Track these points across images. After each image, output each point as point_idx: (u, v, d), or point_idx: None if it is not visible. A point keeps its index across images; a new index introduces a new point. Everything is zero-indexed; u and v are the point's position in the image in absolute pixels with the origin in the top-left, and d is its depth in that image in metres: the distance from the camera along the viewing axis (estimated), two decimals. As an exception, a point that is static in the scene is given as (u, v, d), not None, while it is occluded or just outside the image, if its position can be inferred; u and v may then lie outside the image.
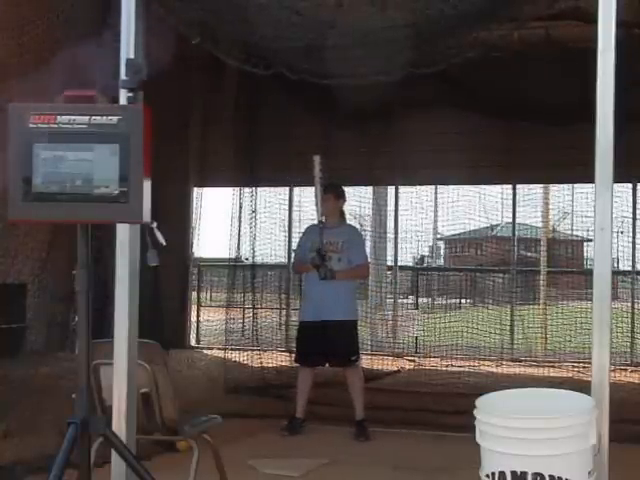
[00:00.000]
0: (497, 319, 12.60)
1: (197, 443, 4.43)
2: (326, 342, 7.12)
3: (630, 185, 11.81)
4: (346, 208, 8.02)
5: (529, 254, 15.18)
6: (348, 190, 7.96)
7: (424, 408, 7.98)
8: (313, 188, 7.09)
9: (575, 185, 12.33)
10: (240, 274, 11.52)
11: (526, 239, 14.42)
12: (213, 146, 11.68)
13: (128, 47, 3.66)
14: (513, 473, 2.83)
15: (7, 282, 8.95)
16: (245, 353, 10.62)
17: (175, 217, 11.17)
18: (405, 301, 15.24)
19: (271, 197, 12.76)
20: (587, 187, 11.28)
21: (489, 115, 11.04)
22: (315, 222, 7.52)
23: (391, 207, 12.87)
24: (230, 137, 11.25)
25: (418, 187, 12.86)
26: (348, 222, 7.96)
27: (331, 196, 7.33)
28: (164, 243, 2.97)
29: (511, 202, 12.51)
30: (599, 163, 3.24)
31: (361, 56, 5.87)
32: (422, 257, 17.49)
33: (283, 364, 10.46)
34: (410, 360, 11.99)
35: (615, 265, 12.12)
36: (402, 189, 12.84)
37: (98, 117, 2.77)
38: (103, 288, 3.92)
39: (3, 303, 9.01)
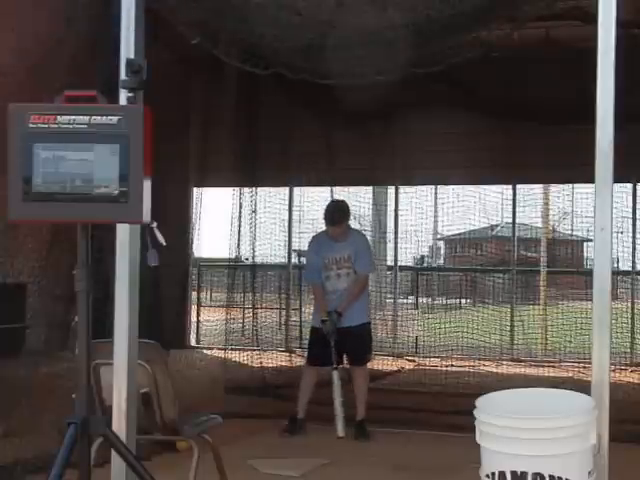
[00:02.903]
0: (497, 319, 12.61)
1: (197, 443, 4.43)
2: (342, 346, 7.16)
3: (630, 185, 11.82)
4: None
5: (529, 254, 15.19)
6: (348, 190, 7.99)
7: (424, 408, 7.98)
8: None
9: (575, 185, 12.34)
10: (240, 274, 11.52)
11: (526, 239, 14.43)
12: (213, 146, 11.67)
13: (128, 47, 3.65)
14: (513, 473, 2.83)
15: (7, 282, 8.94)
16: (245, 353, 10.62)
17: (175, 217, 11.17)
18: (405, 301, 15.25)
19: (271, 197, 12.77)
20: (587, 187, 11.29)
21: (489, 115, 11.05)
22: (320, 233, 7.58)
23: (391, 207, 12.88)
24: (230, 137, 11.24)
25: (418, 187, 12.87)
26: (353, 228, 7.99)
27: (341, 224, 7.30)
28: (164, 243, 2.96)
29: (511, 202, 12.53)
30: (599, 163, 3.23)
31: (361, 56, 5.88)
32: (422, 257, 17.50)
33: (283, 364, 10.47)
34: (410, 360, 12.00)
35: (615, 265, 12.12)
36: (402, 189, 12.85)
37: (98, 117, 2.77)
38: (103, 288, 3.92)
39: (3, 303, 8.99)
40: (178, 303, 12.78)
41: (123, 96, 3.12)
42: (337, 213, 7.36)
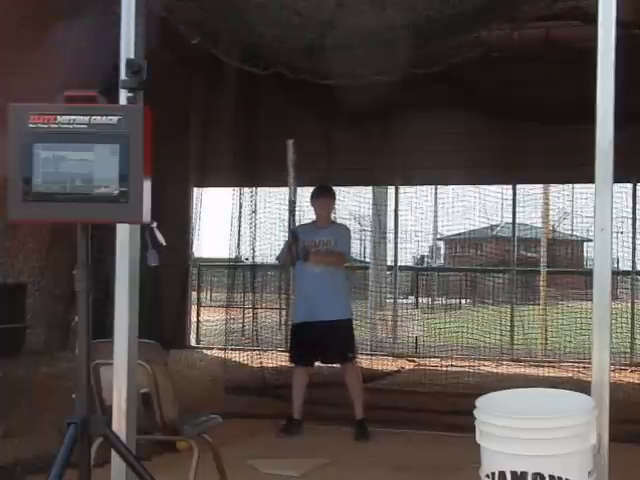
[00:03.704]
0: (497, 319, 12.61)
1: (197, 443, 4.43)
2: (320, 341, 7.10)
3: (630, 185, 11.82)
4: (346, 208, 8.07)
5: (529, 254, 15.19)
6: (348, 190, 8.02)
7: (424, 408, 7.98)
8: (289, 175, 7.50)
9: (575, 185, 12.35)
10: (240, 274, 11.52)
11: (526, 239, 14.42)
12: (213, 146, 11.67)
13: (128, 47, 3.65)
14: (513, 473, 2.83)
15: (7, 282, 8.95)
16: (245, 353, 10.62)
17: (175, 217, 11.17)
18: (405, 301, 15.24)
19: (271, 197, 12.77)
20: (587, 187, 11.29)
21: (489, 115, 11.05)
22: (307, 222, 7.61)
23: (391, 207, 12.88)
24: (230, 137, 11.24)
25: (418, 187, 12.87)
26: (339, 222, 8.06)
27: (328, 200, 7.46)
28: (164, 243, 2.96)
29: (511, 202, 12.53)
30: (599, 163, 3.23)
31: (361, 56, 5.88)
32: (422, 257, 17.49)
33: (283, 364, 10.45)
34: (410, 360, 12.00)
35: (615, 265, 12.12)
36: (402, 189, 12.85)
37: (98, 117, 2.77)
38: (103, 288, 3.93)
39: (3, 303, 9.00)
40: (178, 303, 12.78)
41: (123, 96, 3.13)
42: (323, 189, 7.62)
